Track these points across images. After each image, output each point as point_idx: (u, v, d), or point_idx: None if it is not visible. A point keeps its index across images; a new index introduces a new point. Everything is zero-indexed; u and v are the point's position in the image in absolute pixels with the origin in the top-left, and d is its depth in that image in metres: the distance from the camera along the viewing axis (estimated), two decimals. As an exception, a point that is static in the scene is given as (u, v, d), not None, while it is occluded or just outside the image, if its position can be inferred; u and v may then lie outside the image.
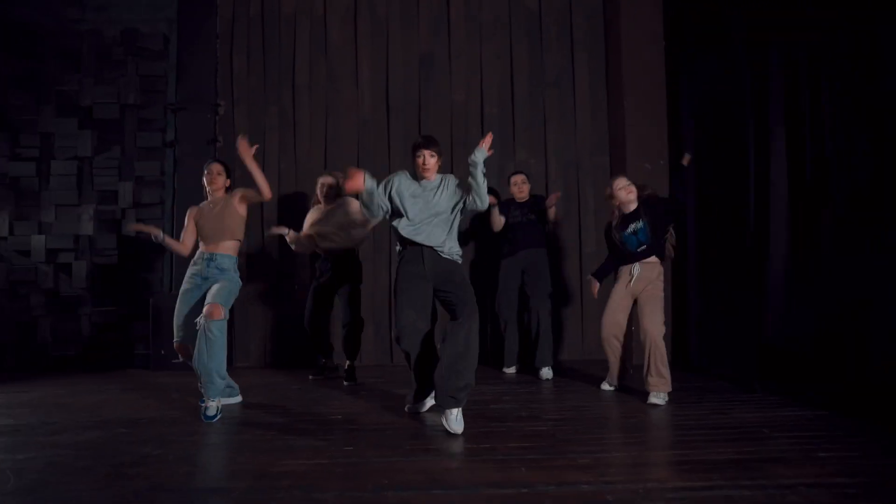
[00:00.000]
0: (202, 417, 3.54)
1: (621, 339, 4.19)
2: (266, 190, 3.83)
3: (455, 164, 6.05)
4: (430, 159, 3.50)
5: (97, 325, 5.88)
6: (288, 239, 4.74)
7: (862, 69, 3.41)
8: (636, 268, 4.10)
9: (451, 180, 3.57)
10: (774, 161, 4.19)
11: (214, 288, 3.78)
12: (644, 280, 4.06)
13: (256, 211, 5.98)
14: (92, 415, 3.73)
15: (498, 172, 6.06)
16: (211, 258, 3.87)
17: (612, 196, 4.22)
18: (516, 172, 5.33)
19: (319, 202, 4.93)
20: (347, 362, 4.85)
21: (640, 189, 4.26)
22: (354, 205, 4.72)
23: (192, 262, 3.97)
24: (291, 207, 5.90)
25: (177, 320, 3.88)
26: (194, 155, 5.81)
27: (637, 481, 2.37)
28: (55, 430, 3.36)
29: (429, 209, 3.48)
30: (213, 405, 3.59)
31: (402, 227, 3.50)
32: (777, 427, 3.15)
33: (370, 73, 6.15)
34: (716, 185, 5.08)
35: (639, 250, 4.10)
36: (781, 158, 4.14)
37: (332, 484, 2.42)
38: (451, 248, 3.52)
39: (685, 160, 4.30)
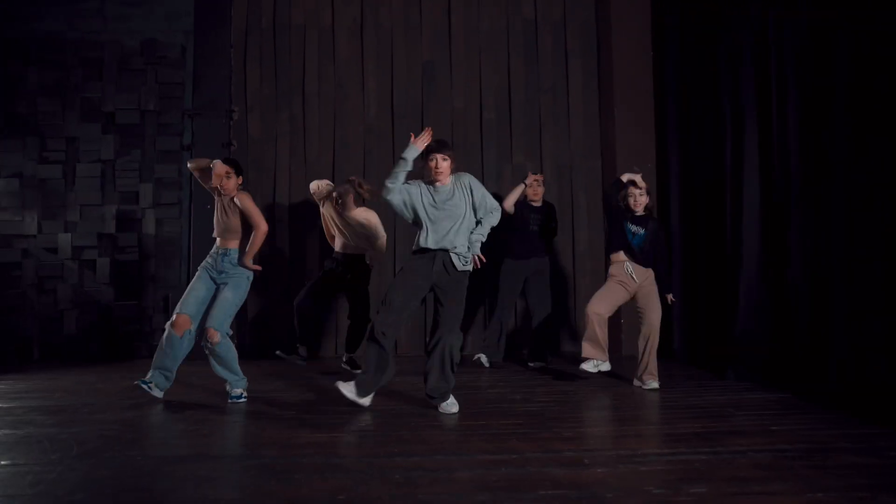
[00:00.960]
0: (231, 399, 3.95)
1: (605, 321, 4.28)
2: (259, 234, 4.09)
3: (456, 167, 6.41)
4: (442, 163, 3.66)
5: (119, 318, 6.26)
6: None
7: (823, 76, 3.78)
8: (628, 266, 4.28)
9: (465, 178, 3.76)
10: (747, 166, 4.56)
11: (218, 302, 3.97)
12: (640, 277, 4.29)
13: (268, 211, 6.35)
14: (125, 398, 4.10)
15: (496, 176, 6.45)
16: (225, 253, 4.06)
17: (628, 186, 4.36)
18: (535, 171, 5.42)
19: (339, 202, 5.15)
20: (347, 354, 5.21)
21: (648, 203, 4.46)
22: (370, 218, 5.10)
23: (211, 251, 4.15)
24: (301, 210, 6.28)
25: (189, 299, 4.00)
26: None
27: (611, 449, 2.77)
28: (96, 410, 3.75)
29: (450, 217, 3.64)
30: (238, 390, 4.01)
31: (424, 237, 3.66)
32: (741, 407, 3.54)
33: (375, 82, 6.52)
34: (697, 190, 5.45)
35: (639, 250, 4.29)
36: (754, 165, 4.52)
37: (349, 451, 2.81)
38: (464, 252, 3.66)
39: (669, 300, 4.48)
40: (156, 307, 6.25)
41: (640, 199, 4.37)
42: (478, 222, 3.78)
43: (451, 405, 3.60)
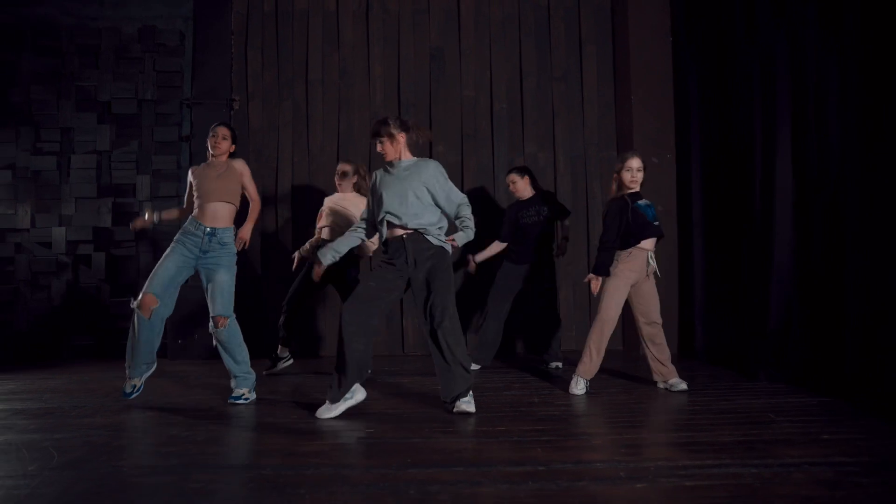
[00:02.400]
0: (230, 399, 3.72)
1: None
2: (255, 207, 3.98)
3: (465, 158, 6.17)
4: (384, 146, 3.48)
5: (115, 315, 6.02)
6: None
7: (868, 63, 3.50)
8: (651, 257, 3.95)
9: (425, 165, 3.49)
10: (780, 157, 4.27)
11: (217, 288, 3.72)
12: (653, 261, 3.99)
13: (270, 202, 6.10)
14: (118, 399, 3.86)
15: (507, 167, 6.15)
16: (213, 233, 3.75)
17: (623, 170, 3.98)
18: (508, 172, 5.19)
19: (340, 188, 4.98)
20: None
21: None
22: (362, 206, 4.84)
23: (186, 228, 3.79)
24: (304, 201, 6.02)
25: (156, 278, 3.69)
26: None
27: (648, 460, 2.49)
28: (86, 413, 3.50)
29: (411, 187, 3.40)
30: (241, 390, 3.76)
31: (381, 217, 3.46)
32: (782, 412, 3.26)
33: (382, 69, 6.26)
34: (722, 179, 5.17)
35: (656, 223, 3.97)
36: (787, 155, 4.23)
37: (357, 461, 2.55)
38: (437, 233, 3.45)
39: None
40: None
41: (638, 175, 3.95)
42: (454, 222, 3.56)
43: (469, 404, 3.33)
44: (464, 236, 3.48)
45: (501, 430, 3.01)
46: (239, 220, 3.94)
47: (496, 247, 5.10)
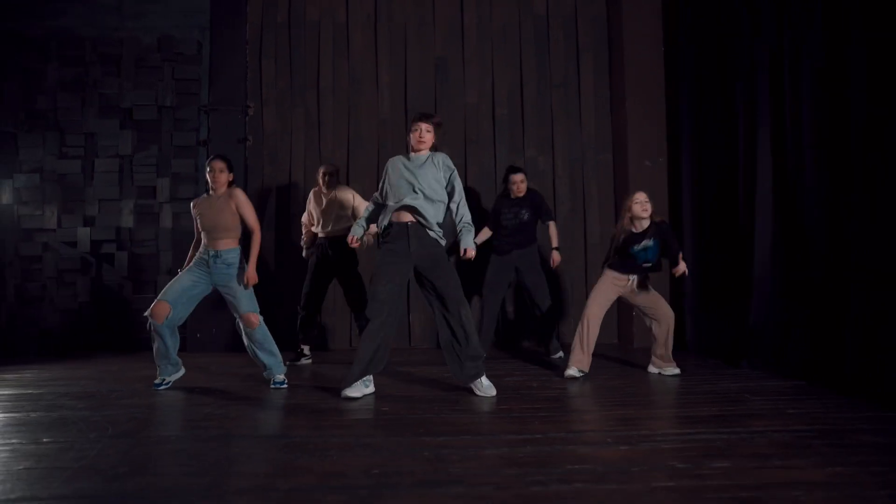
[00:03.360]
0: (274, 385, 4.08)
1: (597, 328, 4.30)
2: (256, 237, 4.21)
3: (468, 163, 6.51)
4: (426, 134, 3.74)
5: (137, 310, 6.35)
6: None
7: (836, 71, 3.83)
8: (633, 278, 4.35)
9: (440, 158, 3.76)
10: (760, 158, 4.61)
11: (237, 295, 4.03)
12: (641, 286, 4.39)
13: (283, 202, 6.44)
14: (147, 386, 4.18)
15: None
16: (217, 255, 4.04)
17: (629, 209, 4.36)
18: (516, 171, 5.43)
19: (321, 189, 5.33)
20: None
21: (653, 214, 4.41)
22: (347, 197, 5.24)
23: (200, 249, 4.17)
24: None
25: (170, 289, 3.97)
26: (225, 152, 6.23)
27: (633, 429, 2.83)
28: (124, 395, 3.84)
29: (418, 183, 3.66)
30: (280, 376, 4.13)
31: (391, 202, 3.72)
32: (757, 393, 3.61)
33: (389, 77, 6.60)
34: (710, 181, 5.51)
35: (644, 265, 4.37)
36: (766, 155, 4.56)
37: (376, 432, 2.88)
38: (437, 230, 3.71)
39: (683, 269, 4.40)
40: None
41: (646, 206, 4.33)
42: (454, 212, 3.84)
43: (489, 387, 3.71)
44: (470, 238, 3.77)
45: (504, 409, 3.35)
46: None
47: (485, 233, 5.56)
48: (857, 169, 3.61)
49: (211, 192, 4.25)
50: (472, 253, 3.65)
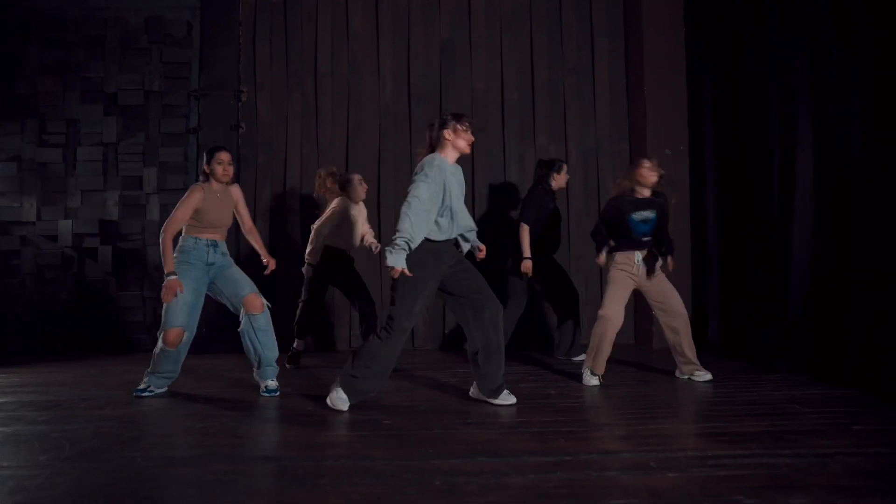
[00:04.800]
0: (266, 392, 3.68)
1: (615, 331, 3.90)
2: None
3: (476, 150, 6.08)
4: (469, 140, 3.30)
5: (122, 308, 5.96)
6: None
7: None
8: (637, 256, 3.94)
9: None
10: (801, 148, 4.21)
11: (236, 276, 3.77)
12: (649, 268, 3.98)
13: (279, 194, 6.04)
14: (128, 392, 3.79)
15: (518, 158, 6.12)
16: (215, 245, 3.79)
17: (633, 174, 3.98)
18: (563, 163, 5.01)
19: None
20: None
21: (659, 181, 4.03)
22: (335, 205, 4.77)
23: (185, 247, 3.73)
24: (313, 192, 5.97)
25: (177, 311, 3.60)
26: (217, 141, 5.83)
27: (676, 450, 2.43)
28: (96, 406, 3.44)
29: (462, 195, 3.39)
30: (272, 382, 3.74)
31: (446, 223, 3.25)
32: (808, 403, 3.19)
33: (392, 62, 6.19)
34: (737, 171, 5.11)
35: (643, 239, 3.96)
36: (808, 146, 4.17)
37: (377, 452, 2.48)
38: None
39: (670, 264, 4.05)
40: (159, 298, 5.91)
41: (652, 173, 3.93)
42: None
43: (508, 395, 3.32)
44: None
45: (521, 422, 2.95)
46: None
47: (526, 233, 4.80)
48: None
49: (211, 183, 3.84)
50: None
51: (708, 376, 3.88)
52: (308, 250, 4.85)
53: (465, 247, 3.45)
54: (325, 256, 4.75)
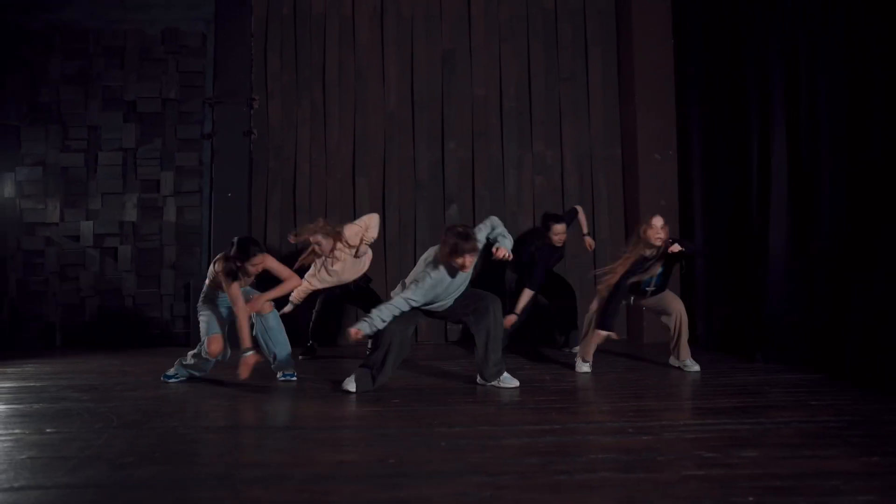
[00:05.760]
0: (283, 377, 3.96)
1: None
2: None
3: (476, 154, 6.43)
4: (469, 260, 3.44)
5: (140, 305, 6.27)
6: None
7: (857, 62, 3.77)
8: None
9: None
10: (775, 153, 4.54)
11: (249, 290, 4.01)
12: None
13: (288, 196, 6.36)
14: (154, 378, 4.09)
15: (516, 163, 6.44)
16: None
17: (644, 233, 4.17)
18: (558, 221, 5.22)
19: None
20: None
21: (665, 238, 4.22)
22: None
23: (208, 296, 4.03)
24: (321, 194, 6.31)
25: (215, 323, 3.90)
26: (230, 146, 6.23)
27: (652, 420, 2.75)
28: (129, 388, 3.76)
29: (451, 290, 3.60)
30: (289, 369, 4.03)
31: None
32: (775, 385, 3.52)
33: (396, 70, 6.52)
34: (722, 174, 5.43)
35: (648, 290, 4.30)
36: (782, 150, 4.49)
37: (390, 423, 2.80)
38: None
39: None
40: (177, 294, 6.26)
41: (662, 232, 4.13)
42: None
43: (512, 379, 3.64)
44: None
45: (519, 401, 3.27)
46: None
47: (527, 297, 4.97)
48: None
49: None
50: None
51: (696, 367, 4.19)
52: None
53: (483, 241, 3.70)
54: None
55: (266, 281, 4.08)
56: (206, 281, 4.07)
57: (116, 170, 6.34)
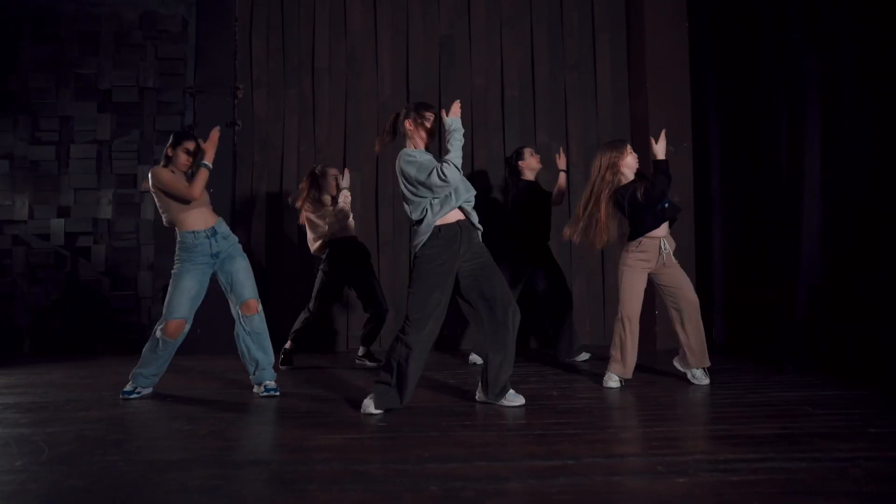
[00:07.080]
0: (265, 392, 3.59)
1: (637, 328, 3.79)
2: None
3: (476, 147, 5.99)
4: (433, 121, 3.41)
5: (116, 308, 5.84)
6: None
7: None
8: (665, 244, 3.74)
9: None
10: (808, 148, 4.09)
11: (242, 273, 3.66)
12: (670, 245, 3.79)
13: (275, 192, 5.93)
14: (115, 393, 3.68)
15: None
16: (214, 232, 3.67)
17: (618, 164, 3.93)
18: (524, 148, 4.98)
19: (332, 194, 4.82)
20: (363, 348, 4.83)
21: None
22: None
23: (185, 244, 3.67)
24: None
25: (179, 302, 3.55)
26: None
27: (685, 453, 2.31)
28: (81, 407, 3.32)
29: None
30: (270, 382, 3.65)
31: (449, 204, 3.16)
32: (820, 405, 3.07)
33: (390, 58, 6.08)
34: (744, 169, 5.00)
35: (665, 205, 3.76)
36: (816, 146, 4.05)
37: (371, 456, 2.36)
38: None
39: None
40: (155, 297, 5.82)
41: (634, 162, 3.95)
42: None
43: (516, 396, 3.22)
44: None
45: (523, 424, 2.83)
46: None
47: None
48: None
49: (181, 171, 3.79)
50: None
51: (706, 381, 3.73)
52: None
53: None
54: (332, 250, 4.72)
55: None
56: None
57: (90, 163, 5.92)
